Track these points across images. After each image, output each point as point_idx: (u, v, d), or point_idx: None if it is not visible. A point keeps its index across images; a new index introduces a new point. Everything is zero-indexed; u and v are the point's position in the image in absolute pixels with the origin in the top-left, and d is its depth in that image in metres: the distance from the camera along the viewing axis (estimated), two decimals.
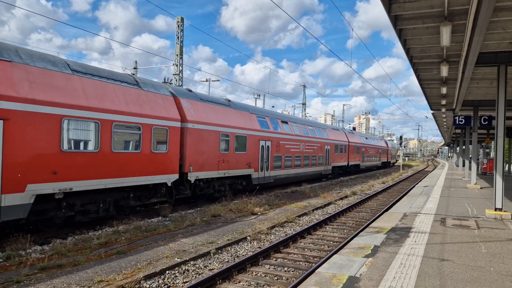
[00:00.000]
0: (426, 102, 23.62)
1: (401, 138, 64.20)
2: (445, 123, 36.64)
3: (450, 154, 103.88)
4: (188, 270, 8.22)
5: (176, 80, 29.62)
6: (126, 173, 12.39)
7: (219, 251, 9.63)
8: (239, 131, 19.05)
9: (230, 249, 9.97)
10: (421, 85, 18.29)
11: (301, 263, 9.16)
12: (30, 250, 9.14)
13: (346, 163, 37.44)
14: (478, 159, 36.01)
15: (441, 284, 6.10)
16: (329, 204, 18.24)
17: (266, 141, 21.66)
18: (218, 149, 17.28)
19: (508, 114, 12.41)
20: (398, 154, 74.62)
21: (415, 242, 8.87)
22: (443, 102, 21.64)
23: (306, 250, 10.38)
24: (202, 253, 9.19)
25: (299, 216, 14.69)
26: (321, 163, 30.45)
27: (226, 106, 19.08)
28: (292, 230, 12.49)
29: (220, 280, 7.70)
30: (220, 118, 17.76)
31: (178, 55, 29.46)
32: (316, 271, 6.84)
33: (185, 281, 7.72)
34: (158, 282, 7.51)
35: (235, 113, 19.43)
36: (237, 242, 10.53)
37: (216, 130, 17.19)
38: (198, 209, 15.56)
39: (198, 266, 8.55)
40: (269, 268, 8.75)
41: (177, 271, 8.09)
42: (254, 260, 8.97)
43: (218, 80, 41.05)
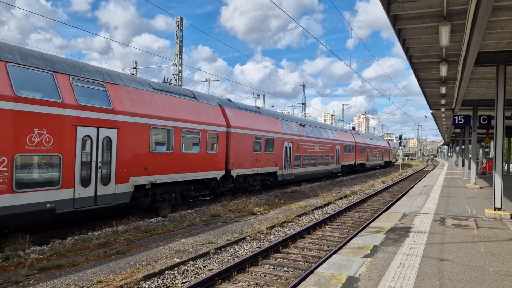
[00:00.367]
0: (425, 101, 23.64)
1: (400, 137, 64.27)
2: (444, 123, 36.66)
3: (449, 153, 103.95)
4: (187, 270, 8.21)
5: (175, 80, 29.60)
6: (190, 169, 15.46)
7: (219, 251, 9.63)
8: (268, 134, 22.03)
9: (229, 249, 9.97)
10: (420, 84, 18.29)
11: (300, 263, 9.15)
12: (29, 251, 9.12)
13: (353, 162, 40.35)
14: (478, 159, 36.04)
15: (440, 284, 6.10)
16: (328, 204, 18.24)
17: (288, 142, 24.54)
18: (252, 150, 20.23)
19: (507, 113, 12.41)
20: (398, 153, 74.82)
21: (415, 242, 8.87)
22: (443, 101, 21.64)
23: (305, 250, 10.38)
24: (201, 253, 9.18)
25: (299, 216, 14.69)
26: (332, 162, 33.26)
27: (257, 112, 22.16)
28: (291, 230, 12.49)
29: (219, 280, 7.70)
30: (253, 123, 20.70)
31: (177, 55, 29.44)
32: (315, 271, 6.84)
33: (184, 281, 7.72)
34: (157, 282, 7.51)
35: (264, 118, 22.49)
36: (236, 242, 10.53)
37: (251, 134, 20.15)
38: (198, 209, 15.56)
39: (197, 266, 8.54)
40: (268, 268, 8.74)
41: (176, 272, 8.09)
42: (253, 260, 8.97)
43: (218, 80, 41.27)
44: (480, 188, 21.47)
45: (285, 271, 8.53)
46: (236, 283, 7.76)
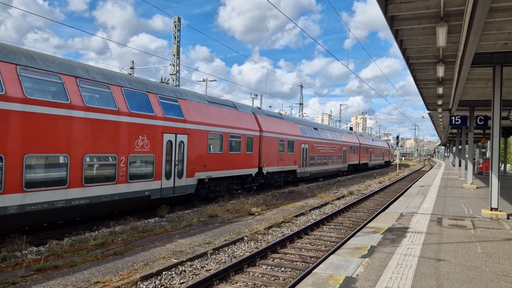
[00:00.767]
0: (422, 102, 23.69)
1: (397, 138, 64.54)
2: (441, 123, 36.77)
3: (446, 154, 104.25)
4: (185, 271, 8.21)
5: (173, 80, 29.57)
6: (234, 167, 18.80)
7: (216, 252, 9.63)
8: (289, 137, 25.36)
9: (227, 249, 9.97)
10: (417, 85, 18.34)
11: (298, 264, 9.17)
12: (26, 251, 9.10)
13: (358, 162, 43.87)
14: (474, 159, 36.17)
15: (437, 284, 6.12)
16: (326, 204, 18.27)
17: (305, 144, 27.89)
18: (278, 150, 23.54)
19: (503, 114, 12.44)
20: (395, 154, 75.17)
21: (412, 242, 8.89)
22: (440, 102, 21.70)
23: (303, 250, 10.39)
24: (199, 253, 9.18)
25: (296, 216, 14.70)
26: (340, 162, 36.76)
27: (280, 118, 25.69)
28: (289, 230, 12.49)
29: (217, 280, 7.70)
30: (278, 128, 24.07)
31: (175, 55, 29.41)
32: (313, 272, 6.84)
33: (182, 282, 7.71)
34: (155, 283, 7.50)
35: (286, 123, 25.82)
36: (234, 242, 10.53)
37: (277, 137, 23.51)
38: (195, 209, 15.55)
39: (195, 266, 8.54)
40: (266, 268, 8.75)
41: (174, 272, 8.08)
42: (251, 260, 8.98)
43: (215, 80, 41.28)
44: (476, 188, 21.55)
45: (282, 272, 8.54)
46: (233, 284, 7.77)
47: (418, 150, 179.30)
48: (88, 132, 11.22)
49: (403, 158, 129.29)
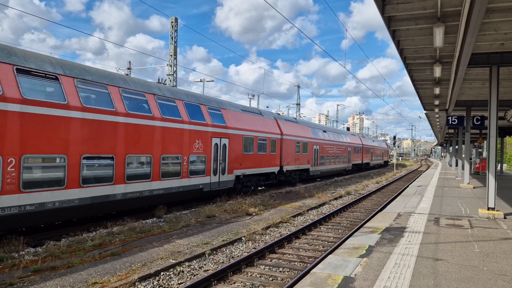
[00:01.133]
0: (419, 102, 23.78)
1: (394, 138, 64.65)
2: (438, 123, 36.88)
3: (443, 154, 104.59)
4: (183, 271, 8.20)
5: (170, 80, 29.52)
6: (261, 165, 21.97)
7: (214, 252, 9.62)
8: (304, 139, 28.35)
9: (225, 250, 9.96)
10: (414, 85, 18.39)
11: (296, 264, 9.17)
12: (23, 252, 9.06)
13: (361, 162, 47.20)
14: (471, 159, 36.28)
15: (435, 283, 6.14)
16: (323, 204, 18.28)
17: (316, 145, 31.00)
18: (295, 151, 26.55)
19: (500, 114, 12.47)
20: (391, 154, 75.70)
21: (409, 242, 8.92)
22: (436, 102, 21.78)
23: (301, 250, 10.40)
24: (197, 254, 9.17)
25: (294, 216, 14.71)
26: (345, 161, 39.87)
27: (295, 122, 29.05)
28: (287, 230, 12.50)
29: (215, 281, 7.69)
30: (294, 131, 27.13)
31: (172, 56, 29.37)
32: (311, 272, 6.85)
33: (180, 282, 7.70)
34: (152, 283, 7.48)
35: (300, 127, 29.04)
36: (232, 242, 10.52)
37: (294, 139, 26.49)
38: (193, 209, 15.53)
39: (193, 267, 8.53)
40: (264, 268, 8.75)
41: (172, 273, 8.07)
42: (249, 260, 8.97)
43: (213, 80, 41.22)
44: (473, 188, 21.63)
45: (280, 272, 8.54)
46: (231, 284, 7.76)
47: (415, 150, 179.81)
48: (164, 137, 14.25)
49: (400, 158, 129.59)
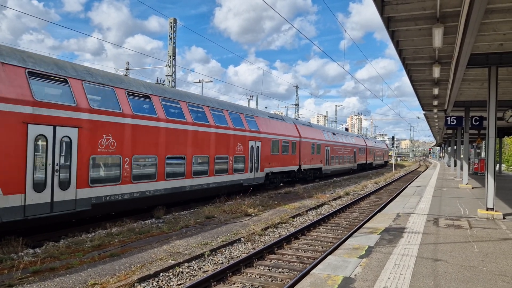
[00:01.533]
0: (418, 102, 23.85)
1: (393, 138, 64.81)
2: (437, 124, 36.94)
3: (441, 154, 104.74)
4: (182, 272, 8.18)
5: (168, 81, 29.49)
6: (285, 164, 25.08)
7: (213, 253, 9.60)
8: (317, 141, 31.59)
9: (224, 250, 9.95)
10: (413, 86, 18.41)
11: (295, 264, 9.16)
12: (22, 253, 9.03)
13: (365, 162, 50.94)
14: (470, 159, 36.35)
15: (435, 284, 6.14)
16: (322, 204, 18.28)
17: (327, 146, 34.37)
18: (310, 152, 29.87)
19: (498, 114, 12.49)
20: (390, 154, 75.97)
21: (409, 242, 8.92)
22: (435, 103, 21.80)
23: (300, 251, 10.39)
24: (196, 255, 9.15)
25: (293, 217, 14.70)
26: (352, 161, 43.44)
27: (309, 126, 32.34)
28: (286, 231, 12.49)
29: (214, 282, 7.68)
30: (310, 134, 30.31)
31: (171, 56, 29.35)
32: (311, 272, 6.84)
33: (179, 283, 7.69)
34: (152, 284, 7.47)
35: (314, 130, 32.47)
36: (231, 243, 10.51)
37: (309, 141, 29.71)
38: (192, 210, 15.51)
39: (192, 268, 8.51)
40: (263, 269, 8.74)
41: (171, 273, 8.05)
42: (248, 261, 8.96)
43: (211, 81, 41.32)
44: (472, 188, 21.66)
45: (280, 272, 8.53)
46: (231, 285, 7.75)
47: (413, 150, 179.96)
48: (217, 141, 17.59)
49: (399, 158, 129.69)
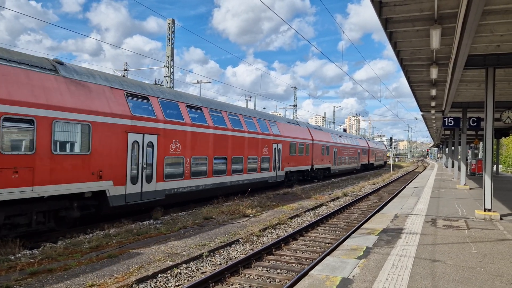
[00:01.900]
0: (416, 103, 23.88)
1: (391, 139, 65.00)
2: (434, 125, 37.02)
3: (439, 155, 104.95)
4: (180, 273, 8.17)
5: (167, 81, 29.48)
6: (300, 164, 28.20)
7: (212, 254, 9.60)
8: (327, 143, 34.71)
9: (222, 251, 9.94)
10: (411, 87, 18.45)
11: (293, 265, 9.16)
12: (20, 255, 9.00)
13: (367, 162, 54.28)
14: (467, 160, 36.44)
15: (433, 285, 6.15)
16: (320, 205, 18.29)
17: (335, 148, 37.40)
18: (321, 153, 32.88)
19: (496, 115, 12.55)
20: (388, 155, 76.24)
21: (407, 243, 8.93)
22: (433, 104, 21.86)
23: (298, 252, 10.39)
24: (194, 256, 9.15)
25: (291, 217, 14.70)
26: (356, 162, 46.74)
27: (319, 129, 35.66)
28: (284, 232, 12.49)
29: (213, 283, 7.68)
30: (320, 136, 33.46)
31: (169, 57, 29.34)
32: (309, 273, 6.84)
33: (177, 284, 7.68)
34: (150, 286, 7.46)
35: (324, 133, 35.81)
36: (229, 244, 10.50)
37: (320, 144, 32.73)
38: (190, 211, 15.49)
39: (190, 269, 8.50)
40: (261, 270, 8.74)
41: (169, 275, 8.04)
42: (246, 262, 8.96)
43: (210, 82, 41.35)
44: (469, 189, 21.71)
45: (278, 273, 8.53)
46: (229, 286, 7.75)
47: (411, 151, 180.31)
48: (249, 144, 20.64)
49: (396, 159, 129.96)
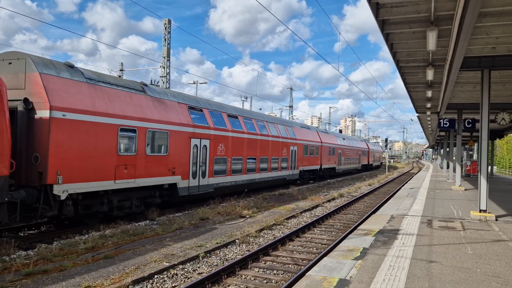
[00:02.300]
0: (411, 105, 23.99)
1: (386, 140, 65.17)
2: (430, 126, 37.19)
3: (434, 156, 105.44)
4: (176, 274, 8.14)
5: (163, 82, 29.42)
6: (312, 164, 31.32)
7: (208, 255, 9.57)
8: (333, 145, 37.75)
9: (219, 252, 9.92)
10: (407, 88, 18.53)
11: (290, 266, 9.16)
12: (15, 256, 8.93)
13: (367, 163, 57.47)
14: (462, 161, 36.65)
15: (430, 285, 6.17)
16: (317, 206, 18.31)
17: (340, 150, 40.53)
18: (328, 154, 35.89)
19: (491, 117, 12.63)
20: (383, 156, 76.79)
21: (403, 244, 8.96)
22: (428, 105, 21.96)
23: (295, 253, 10.39)
24: (190, 256, 9.11)
25: (288, 218, 14.70)
26: (357, 162, 49.90)
27: (326, 132, 39.17)
28: (280, 232, 12.49)
29: (209, 284, 7.65)
30: (327, 139, 36.52)
31: (165, 57, 29.29)
32: (306, 274, 6.85)
33: (174, 285, 7.65)
34: (146, 286, 7.42)
35: (330, 136, 38.79)
36: (226, 245, 10.48)
37: (327, 146, 35.59)
38: (186, 212, 15.45)
39: (187, 270, 8.47)
40: (258, 271, 8.72)
41: (165, 275, 8.01)
42: (243, 263, 8.94)
43: (206, 82, 41.41)
44: (465, 190, 21.83)
45: (275, 274, 8.52)
46: (226, 287, 7.73)
47: (406, 152, 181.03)
48: (273, 146, 23.60)
49: (392, 160, 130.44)
